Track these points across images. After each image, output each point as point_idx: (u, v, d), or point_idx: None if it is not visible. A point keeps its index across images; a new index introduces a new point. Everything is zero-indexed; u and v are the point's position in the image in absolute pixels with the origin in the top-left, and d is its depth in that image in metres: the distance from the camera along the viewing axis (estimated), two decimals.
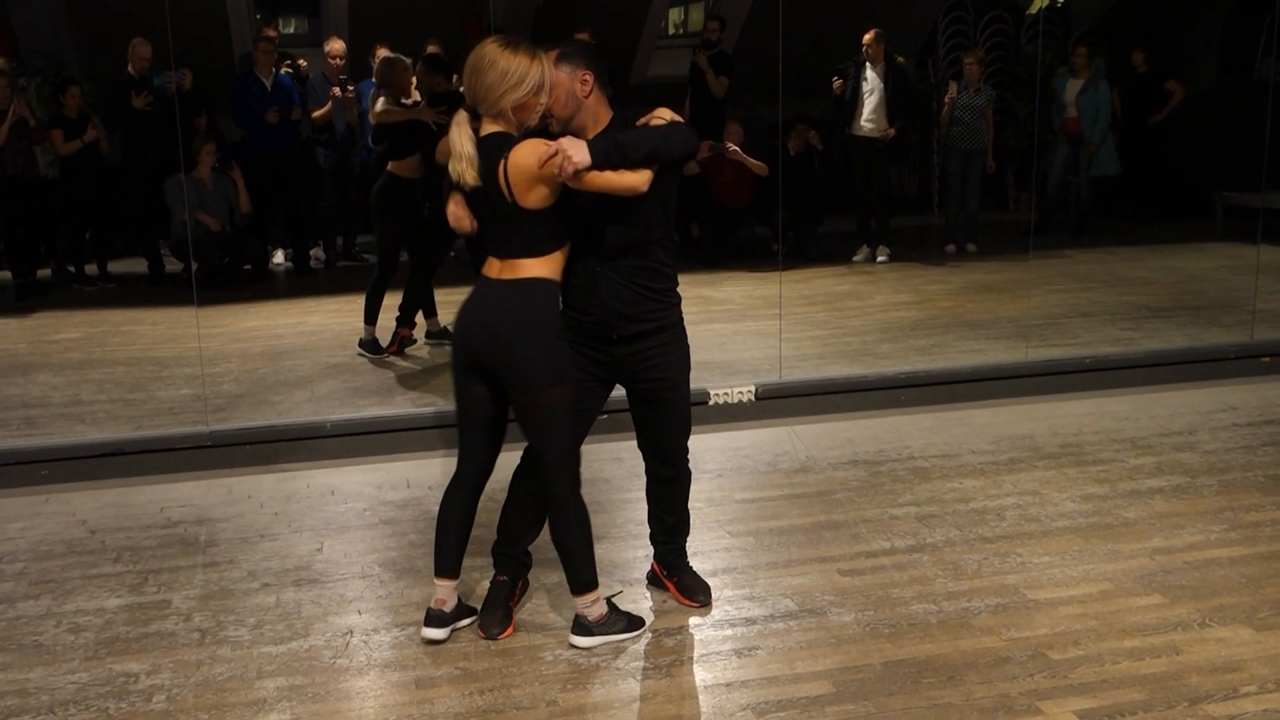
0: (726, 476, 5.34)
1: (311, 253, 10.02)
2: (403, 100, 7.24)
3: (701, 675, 3.64)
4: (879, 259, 10.06)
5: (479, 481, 3.86)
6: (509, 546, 3.94)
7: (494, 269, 3.67)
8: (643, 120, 3.74)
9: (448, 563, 3.85)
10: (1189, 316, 7.96)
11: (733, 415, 6.09)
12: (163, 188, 9.06)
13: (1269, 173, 8.18)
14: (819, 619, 3.97)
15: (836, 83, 10.04)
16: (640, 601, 4.10)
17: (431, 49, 8.33)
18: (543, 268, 3.62)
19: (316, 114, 9.80)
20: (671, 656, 3.75)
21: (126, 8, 9.48)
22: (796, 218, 10.11)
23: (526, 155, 3.53)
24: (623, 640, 3.82)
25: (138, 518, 4.99)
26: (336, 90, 9.79)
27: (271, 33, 9.91)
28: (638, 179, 3.54)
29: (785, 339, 6.89)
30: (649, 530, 4.17)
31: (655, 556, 4.19)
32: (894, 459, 5.55)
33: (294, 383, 6.67)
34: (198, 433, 5.66)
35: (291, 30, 11.78)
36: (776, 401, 6.20)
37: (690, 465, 4.04)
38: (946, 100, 10.43)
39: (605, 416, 4.43)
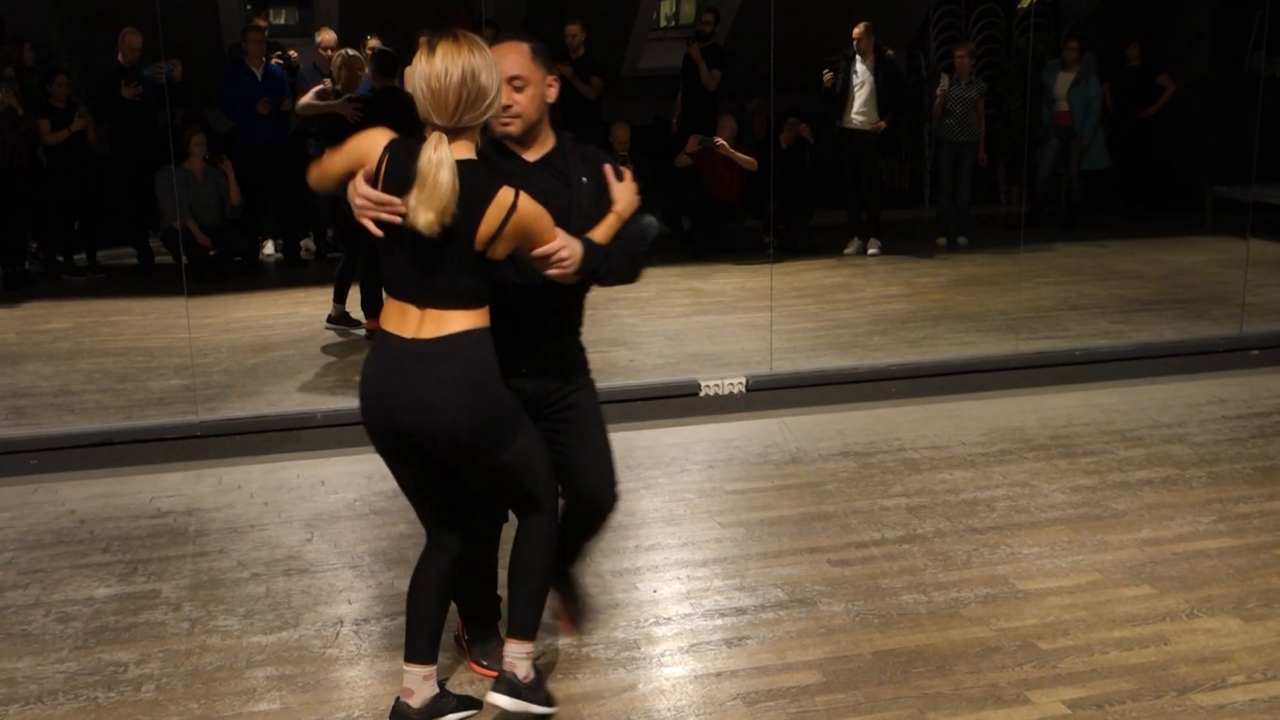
0: (717, 468, 5.34)
1: (302, 244, 9.98)
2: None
3: (692, 665, 3.64)
4: (870, 251, 10.06)
5: (459, 550, 3.26)
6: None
7: (411, 323, 2.99)
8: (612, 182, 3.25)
9: (417, 645, 3.24)
10: (1179, 309, 7.98)
11: (723, 407, 6.10)
12: (153, 179, 9.02)
13: (1259, 167, 8.19)
14: (809, 609, 3.97)
15: (827, 75, 10.04)
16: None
17: (374, 42, 8.51)
18: (476, 318, 3.01)
19: None
20: (662, 646, 3.75)
21: None
22: (787, 210, 10.10)
23: (535, 217, 2.97)
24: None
25: (127, 507, 4.98)
26: (328, 81, 9.75)
27: (262, 23, 9.86)
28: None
29: (776, 331, 6.89)
30: None
31: None
32: (884, 450, 5.55)
33: (284, 373, 6.66)
34: (187, 423, 5.65)
35: (282, 21, 11.73)
36: (767, 393, 6.21)
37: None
38: (938, 93, 10.43)
39: None
